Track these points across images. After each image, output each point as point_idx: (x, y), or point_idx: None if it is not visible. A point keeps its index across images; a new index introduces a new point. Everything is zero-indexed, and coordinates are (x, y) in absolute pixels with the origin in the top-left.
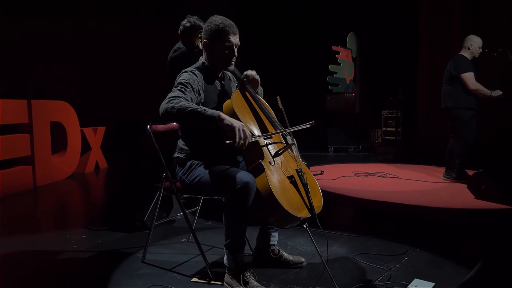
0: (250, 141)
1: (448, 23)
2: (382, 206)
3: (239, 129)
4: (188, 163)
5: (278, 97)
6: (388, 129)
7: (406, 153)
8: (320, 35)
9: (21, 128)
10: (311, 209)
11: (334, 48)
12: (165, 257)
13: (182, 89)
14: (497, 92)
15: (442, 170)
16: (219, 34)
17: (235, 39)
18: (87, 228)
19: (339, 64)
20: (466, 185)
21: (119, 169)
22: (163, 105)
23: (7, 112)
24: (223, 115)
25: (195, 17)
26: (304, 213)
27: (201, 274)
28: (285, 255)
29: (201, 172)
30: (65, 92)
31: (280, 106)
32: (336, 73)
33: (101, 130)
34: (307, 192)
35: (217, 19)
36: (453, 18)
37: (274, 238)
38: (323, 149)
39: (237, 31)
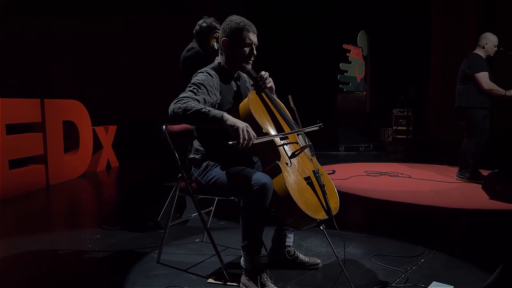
0: (255, 142)
1: (461, 21)
2: (396, 206)
3: (242, 130)
4: (204, 164)
5: (289, 96)
6: (399, 128)
7: (417, 152)
8: (331, 33)
9: (34, 127)
10: (328, 211)
11: (345, 46)
12: (180, 257)
13: (194, 89)
14: None
15: (454, 169)
16: (239, 32)
17: (254, 38)
18: (101, 228)
19: (350, 62)
20: (480, 185)
21: (131, 168)
22: (171, 105)
23: (21, 111)
24: (227, 116)
25: (212, 18)
26: (321, 215)
27: (216, 275)
28: (301, 256)
29: (217, 173)
30: (77, 91)
31: (292, 105)
32: (346, 71)
33: (113, 129)
34: (324, 193)
35: (236, 18)
36: (465, 16)
37: (290, 239)
38: (333, 148)
39: (256, 30)
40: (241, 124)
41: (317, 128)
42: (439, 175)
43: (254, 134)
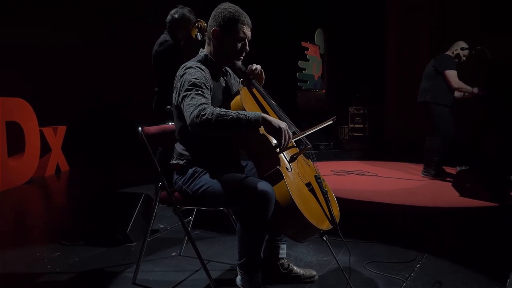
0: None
1: (416, 19)
2: (372, 207)
3: (286, 130)
4: (190, 171)
5: None
6: (355, 125)
7: (375, 149)
8: (290, 31)
9: None
10: (332, 220)
11: (303, 44)
12: (157, 275)
13: (199, 91)
14: (477, 89)
15: (416, 166)
16: (233, 24)
17: (248, 32)
18: (60, 244)
19: (308, 60)
20: (446, 182)
21: (83, 172)
22: (194, 116)
23: None
24: (267, 117)
25: (187, 8)
26: (326, 225)
27: None
28: (295, 269)
29: (207, 181)
30: (22, 89)
31: None
32: (305, 69)
33: (62, 129)
34: (327, 200)
35: (230, 7)
36: (420, 14)
37: (283, 251)
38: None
39: (251, 23)
40: (283, 124)
41: (331, 122)
42: (404, 172)
43: (290, 133)
